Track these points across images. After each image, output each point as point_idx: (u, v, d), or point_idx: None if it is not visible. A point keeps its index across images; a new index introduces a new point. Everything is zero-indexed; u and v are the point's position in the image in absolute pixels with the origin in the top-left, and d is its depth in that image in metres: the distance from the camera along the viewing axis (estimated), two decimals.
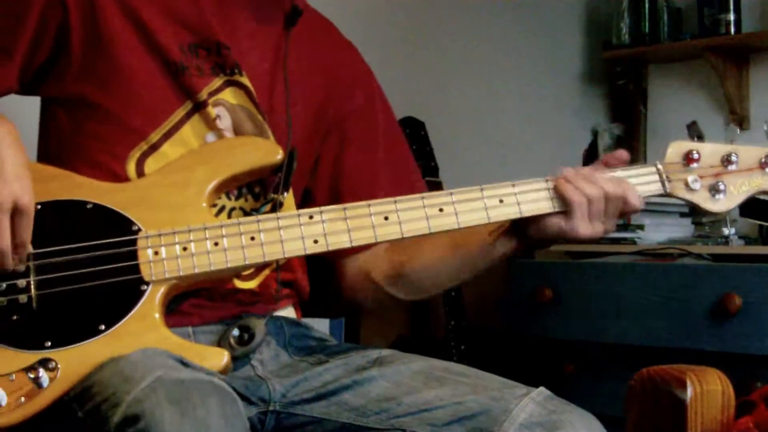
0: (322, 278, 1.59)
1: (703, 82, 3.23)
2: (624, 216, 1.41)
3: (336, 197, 1.53)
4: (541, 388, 1.32)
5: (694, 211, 2.92)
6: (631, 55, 3.33)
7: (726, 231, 2.83)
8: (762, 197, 1.45)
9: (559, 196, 1.37)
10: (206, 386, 1.14)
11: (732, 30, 3.08)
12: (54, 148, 1.44)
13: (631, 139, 3.41)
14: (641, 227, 2.84)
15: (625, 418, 1.43)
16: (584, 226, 1.37)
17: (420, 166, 2.71)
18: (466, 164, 2.92)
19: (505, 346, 2.74)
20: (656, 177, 1.42)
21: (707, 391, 1.37)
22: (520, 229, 1.41)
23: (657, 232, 2.86)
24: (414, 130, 2.75)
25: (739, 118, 3.14)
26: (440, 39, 3.06)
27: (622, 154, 1.43)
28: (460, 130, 3.02)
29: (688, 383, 1.36)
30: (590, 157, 3.32)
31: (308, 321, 1.54)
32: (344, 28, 1.64)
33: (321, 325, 1.66)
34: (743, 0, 3.09)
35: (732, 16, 3.08)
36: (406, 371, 1.37)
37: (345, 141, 1.56)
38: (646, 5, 3.26)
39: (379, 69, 1.62)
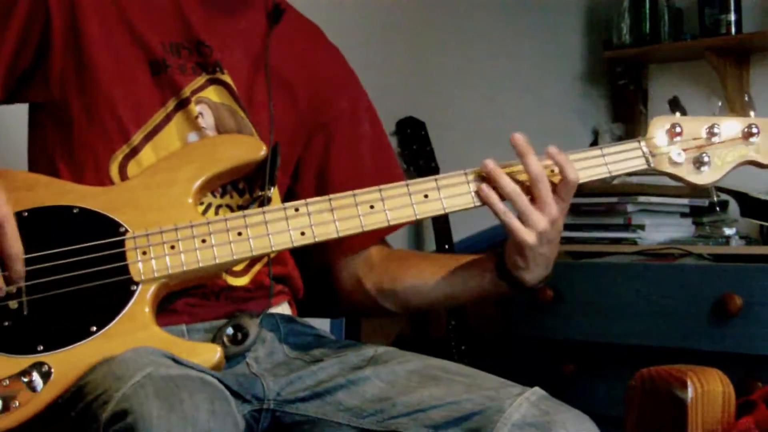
0: (321, 283, 1.60)
1: (704, 82, 3.23)
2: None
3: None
4: (536, 388, 1.31)
5: (694, 212, 2.91)
6: (631, 55, 3.32)
7: (727, 231, 2.83)
8: (751, 161, 1.44)
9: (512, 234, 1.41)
10: (195, 382, 1.14)
11: (732, 30, 3.08)
12: (42, 154, 1.43)
13: None
14: (642, 227, 2.83)
15: (625, 418, 1.43)
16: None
17: (420, 166, 2.72)
18: (466, 164, 2.89)
19: (505, 346, 2.73)
20: (640, 152, 1.45)
21: (708, 391, 1.37)
22: (504, 272, 1.48)
23: (657, 232, 2.85)
24: (414, 130, 2.75)
25: None
26: (441, 39, 3.06)
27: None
28: (460, 130, 3.01)
29: (689, 383, 1.36)
30: None
31: (307, 320, 1.54)
32: (344, 29, 1.64)
33: (322, 325, 1.66)
34: (744, 0, 3.09)
35: (732, 17, 3.07)
36: (401, 371, 1.37)
37: (331, 144, 1.55)
38: (647, 5, 3.26)
39: (379, 69, 1.63)
